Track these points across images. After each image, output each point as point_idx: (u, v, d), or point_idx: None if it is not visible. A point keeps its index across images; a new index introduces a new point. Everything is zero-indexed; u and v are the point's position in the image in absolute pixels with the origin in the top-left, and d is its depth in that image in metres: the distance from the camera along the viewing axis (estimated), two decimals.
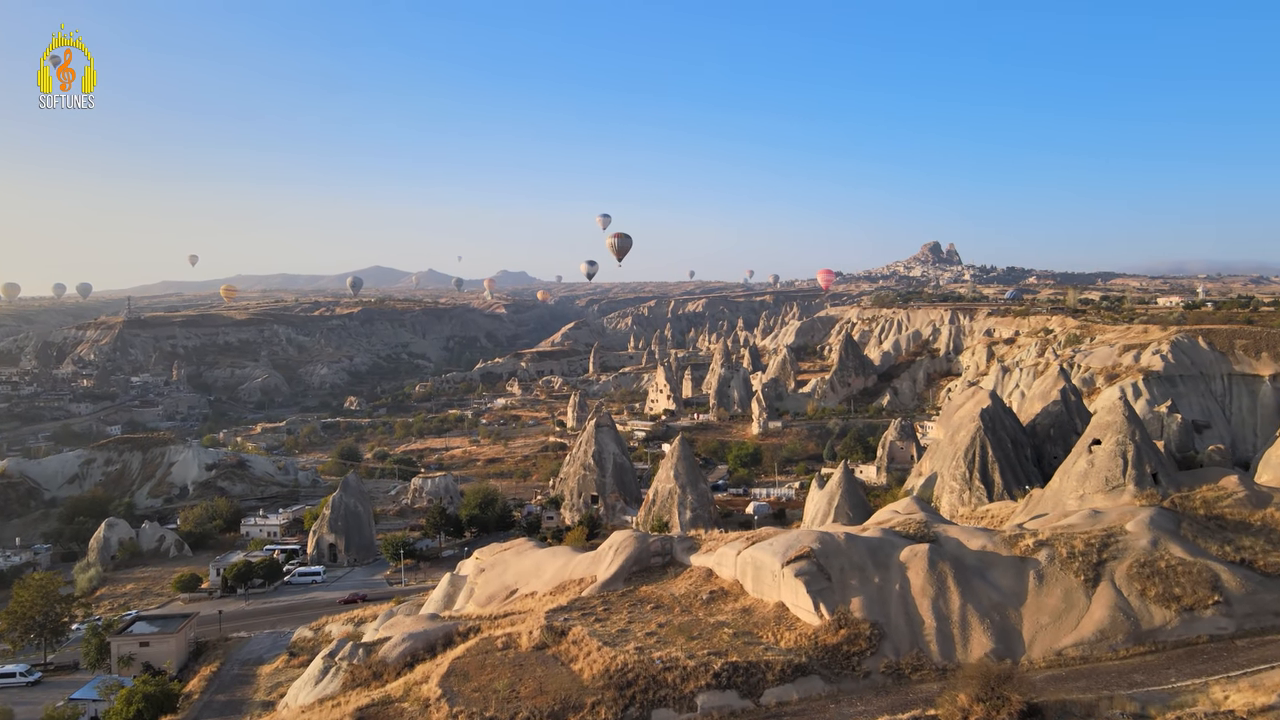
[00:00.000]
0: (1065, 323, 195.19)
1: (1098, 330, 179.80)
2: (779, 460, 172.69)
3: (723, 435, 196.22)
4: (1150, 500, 48.51)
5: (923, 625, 41.01)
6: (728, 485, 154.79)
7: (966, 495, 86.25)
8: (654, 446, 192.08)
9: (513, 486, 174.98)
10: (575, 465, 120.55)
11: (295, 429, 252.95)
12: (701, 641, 41.26)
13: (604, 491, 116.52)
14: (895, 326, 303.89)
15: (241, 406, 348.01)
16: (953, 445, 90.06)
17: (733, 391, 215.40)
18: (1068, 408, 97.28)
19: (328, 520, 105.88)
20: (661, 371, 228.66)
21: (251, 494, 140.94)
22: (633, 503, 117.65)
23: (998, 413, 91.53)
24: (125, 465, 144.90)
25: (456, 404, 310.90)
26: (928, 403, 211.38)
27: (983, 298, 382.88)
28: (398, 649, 46.59)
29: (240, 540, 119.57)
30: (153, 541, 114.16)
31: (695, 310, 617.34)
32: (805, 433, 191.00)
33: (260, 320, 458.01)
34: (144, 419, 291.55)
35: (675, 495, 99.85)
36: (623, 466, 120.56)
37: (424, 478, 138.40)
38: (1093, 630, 39.55)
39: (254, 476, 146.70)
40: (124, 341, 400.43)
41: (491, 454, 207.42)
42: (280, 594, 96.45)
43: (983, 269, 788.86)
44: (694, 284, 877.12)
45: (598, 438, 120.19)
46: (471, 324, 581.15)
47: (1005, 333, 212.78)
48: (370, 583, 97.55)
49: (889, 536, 46.25)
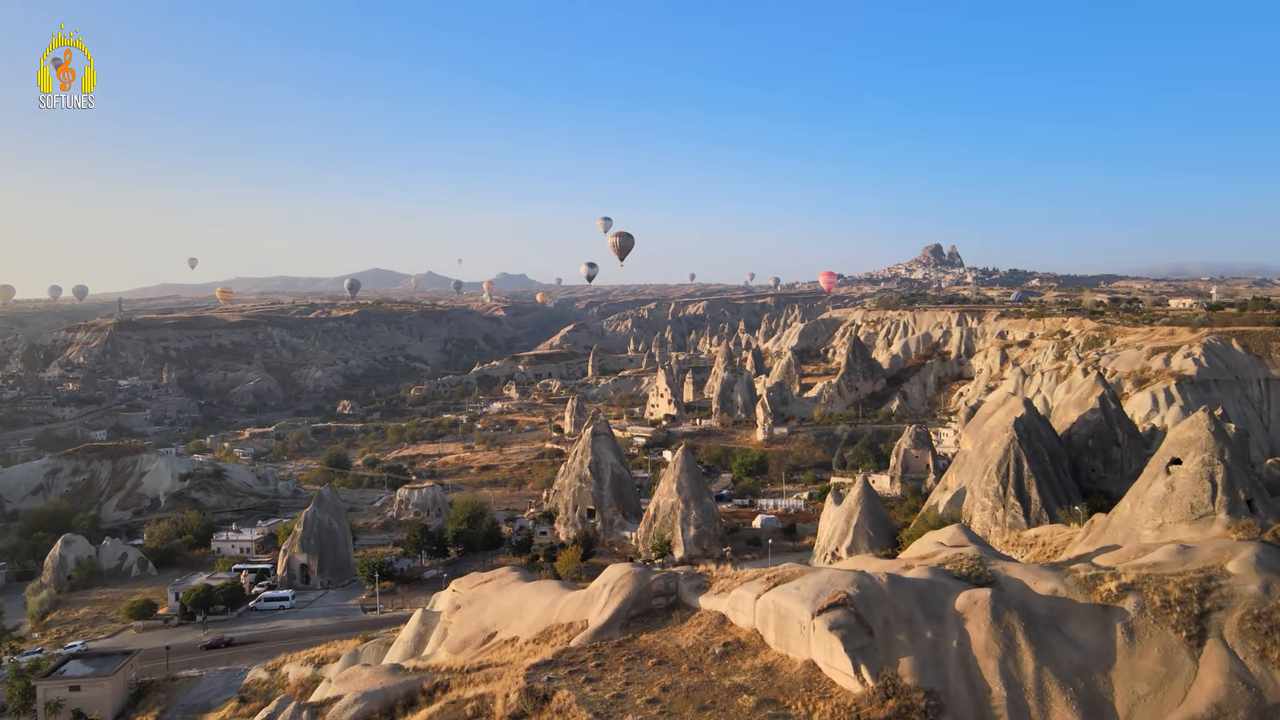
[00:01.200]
0: (1082, 324, 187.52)
1: (1118, 332, 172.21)
2: (785, 468, 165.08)
3: (726, 441, 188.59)
4: (1248, 533, 40.79)
5: (989, 694, 33.30)
6: (732, 495, 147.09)
7: (1000, 513, 78.49)
8: (654, 453, 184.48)
9: (507, 495, 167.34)
10: (570, 476, 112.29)
11: (284, 434, 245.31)
12: (717, 714, 33.57)
13: (601, 505, 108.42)
14: (901, 329, 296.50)
15: (233, 410, 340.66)
16: (983, 458, 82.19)
17: (736, 396, 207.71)
18: (1107, 416, 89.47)
19: (299, 538, 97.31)
20: (662, 375, 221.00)
21: (228, 506, 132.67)
22: (632, 517, 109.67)
23: (1033, 422, 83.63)
24: (94, 475, 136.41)
25: (452, 408, 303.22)
26: (939, 407, 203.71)
27: (988, 300, 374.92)
28: (349, 712, 38.84)
29: (210, 557, 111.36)
30: (114, 560, 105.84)
31: (696, 312, 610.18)
32: (812, 439, 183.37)
33: (254, 322, 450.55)
34: (130, 423, 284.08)
35: (678, 511, 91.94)
36: (621, 478, 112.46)
37: (411, 489, 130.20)
38: (1206, 704, 31.79)
39: (231, 487, 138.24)
40: (114, 344, 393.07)
41: (486, 460, 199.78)
42: (244, 622, 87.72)
43: (985, 271, 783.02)
44: (694, 286, 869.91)
45: (594, 447, 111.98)
46: (469, 326, 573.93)
47: (1019, 335, 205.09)
48: (343, 608, 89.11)
49: (939, 578, 38.54)
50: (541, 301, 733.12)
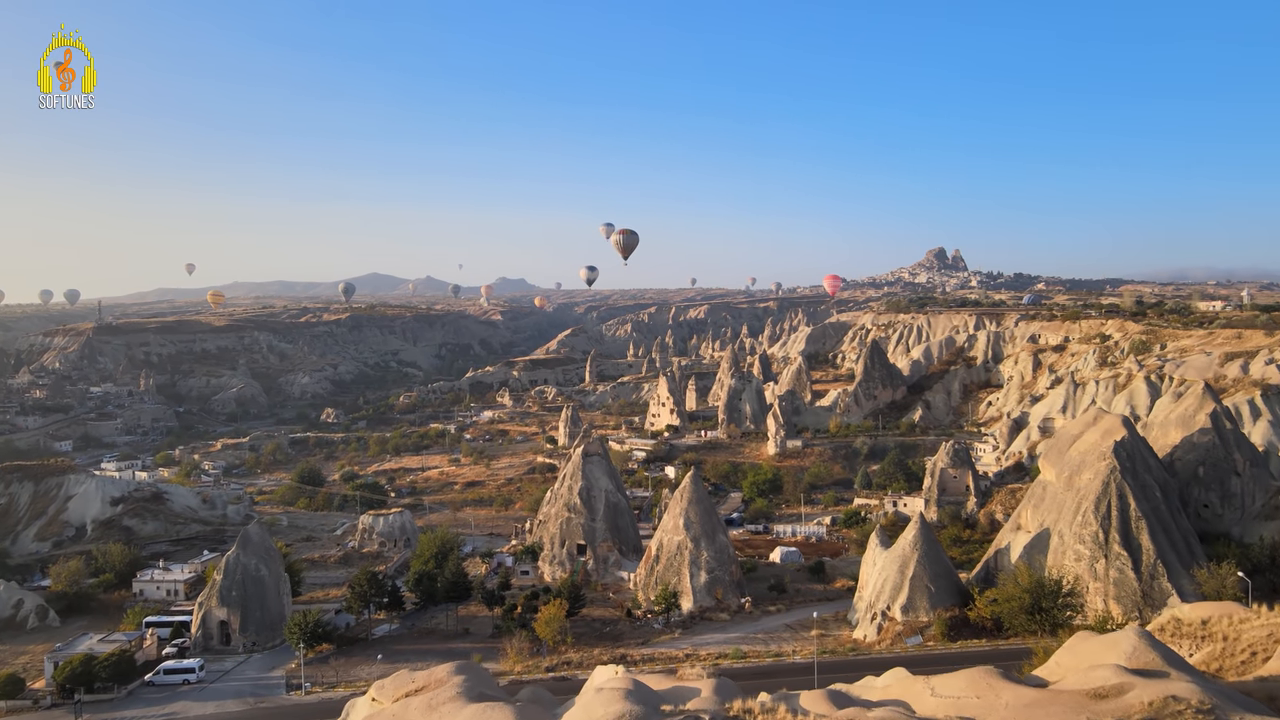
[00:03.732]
0: (1125, 327, 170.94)
1: (1168, 335, 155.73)
2: (802, 487, 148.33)
3: (734, 456, 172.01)
4: None
5: None
6: (744, 519, 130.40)
7: (1101, 565, 62.05)
8: (655, 469, 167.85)
9: (491, 517, 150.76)
10: (558, 505, 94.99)
11: (259, 445, 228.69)
12: None
13: (593, 539, 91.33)
14: (915, 333, 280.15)
15: (213, 419, 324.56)
16: (1073, 492, 65.58)
17: (744, 405, 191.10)
18: (1222, 438, 72.88)
19: (219, 589, 77.57)
20: (664, 382, 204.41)
21: (165, 535, 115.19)
22: (630, 553, 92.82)
23: (1137, 448, 66.49)
24: (12, 499, 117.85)
25: (442, 416, 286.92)
26: (966, 418, 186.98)
27: (1000, 303, 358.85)
28: None
29: (130, 601, 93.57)
30: (7, 608, 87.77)
31: (697, 316, 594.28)
32: (829, 453, 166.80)
33: (240, 327, 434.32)
34: (100, 433, 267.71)
35: (685, 551, 75.26)
36: (617, 507, 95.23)
37: (376, 515, 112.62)
38: None
39: (171, 513, 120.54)
40: (92, 349, 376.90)
41: (472, 475, 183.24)
42: (134, 703, 65.67)
43: (989, 275, 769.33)
44: (695, 291, 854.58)
45: (586, 470, 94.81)
46: (465, 331, 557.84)
47: (1052, 338, 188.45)
48: (263, 683, 69.13)
49: None
50: (540, 305, 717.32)
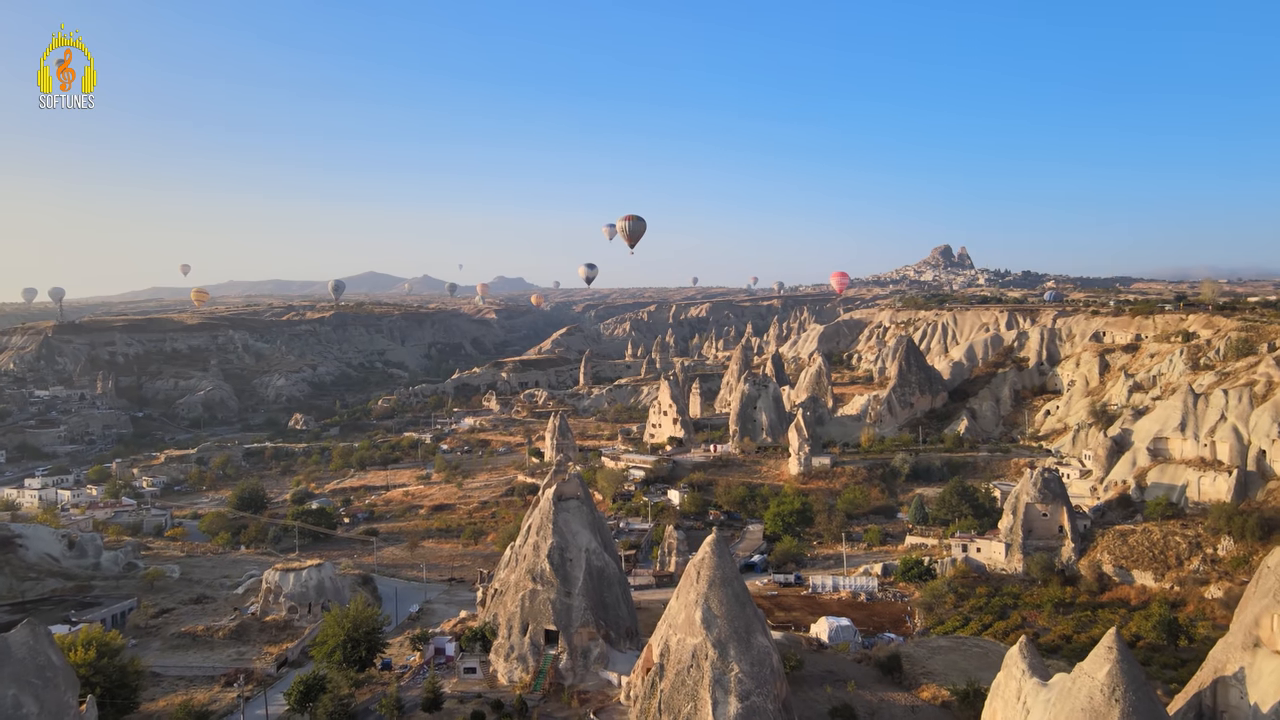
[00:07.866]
0: (1213, 322, 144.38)
1: (1274, 333, 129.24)
2: (836, 518, 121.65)
3: (750, 476, 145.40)
4: None
5: None
6: (768, 565, 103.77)
7: None
8: (657, 491, 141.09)
9: (457, 554, 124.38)
10: (518, 571, 65.48)
11: (207, 457, 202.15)
12: None
13: (568, 623, 62.13)
14: (942, 331, 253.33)
15: (175, 424, 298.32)
16: None
17: (760, 415, 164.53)
18: None
19: None
20: (666, 388, 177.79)
21: (9, 595, 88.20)
22: (622, 640, 64.41)
23: None
24: None
25: (421, 422, 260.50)
26: (1019, 429, 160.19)
27: (1022, 300, 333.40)
28: None
29: None
30: None
31: (699, 315, 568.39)
32: (864, 473, 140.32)
33: (214, 325, 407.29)
34: (39, 442, 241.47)
35: (706, 663, 48.05)
36: (603, 572, 65.48)
37: (284, 570, 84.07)
38: None
39: (22, 564, 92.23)
40: (51, 349, 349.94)
41: (442, 497, 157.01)
42: None
43: (997, 273, 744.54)
44: (696, 289, 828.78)
45: (559, 522, 65.25)
46: (456, 330, 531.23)
47: (1120, 337, 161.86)
48: None
49: None
50: (536, 304, 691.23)
